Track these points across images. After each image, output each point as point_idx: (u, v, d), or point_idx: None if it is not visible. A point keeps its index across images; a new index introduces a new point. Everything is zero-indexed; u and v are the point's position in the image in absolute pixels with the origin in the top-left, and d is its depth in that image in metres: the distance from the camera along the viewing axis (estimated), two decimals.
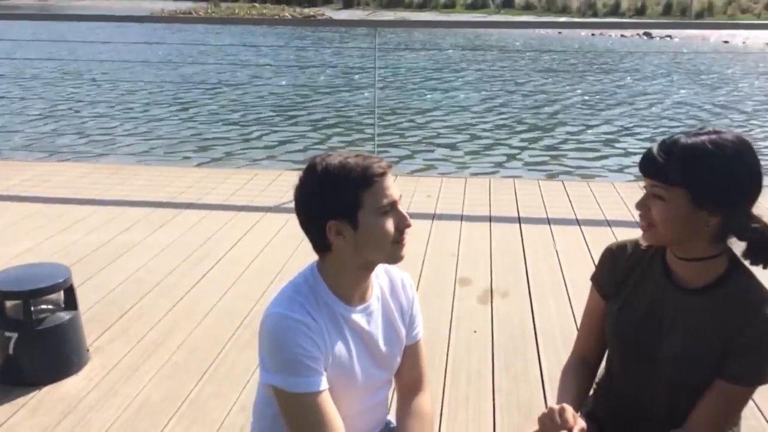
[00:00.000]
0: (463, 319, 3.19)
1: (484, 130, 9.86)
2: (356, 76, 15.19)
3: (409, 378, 1.77)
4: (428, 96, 12.78)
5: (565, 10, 33.48)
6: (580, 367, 1.76)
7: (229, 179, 5.52)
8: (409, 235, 1.55)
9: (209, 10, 39.31)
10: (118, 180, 5.46)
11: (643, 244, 1.61)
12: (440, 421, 2.47)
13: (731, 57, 21.01)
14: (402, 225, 1.53)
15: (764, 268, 1.47)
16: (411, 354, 1.76)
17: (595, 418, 1.73)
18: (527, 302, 3.40)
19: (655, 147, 1.47)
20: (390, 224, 1.49)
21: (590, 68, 18.22)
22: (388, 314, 1.69)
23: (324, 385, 1.49)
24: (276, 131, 9.61)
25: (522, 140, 9.18)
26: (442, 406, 2.56)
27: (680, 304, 1.55)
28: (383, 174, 1.50)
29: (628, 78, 15.90)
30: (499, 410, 2.53)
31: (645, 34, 26.83)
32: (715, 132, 1.45)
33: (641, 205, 1.50)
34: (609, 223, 4.54)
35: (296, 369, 1.47)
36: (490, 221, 4.54)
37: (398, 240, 1.52)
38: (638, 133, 9.73)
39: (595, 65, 18.92)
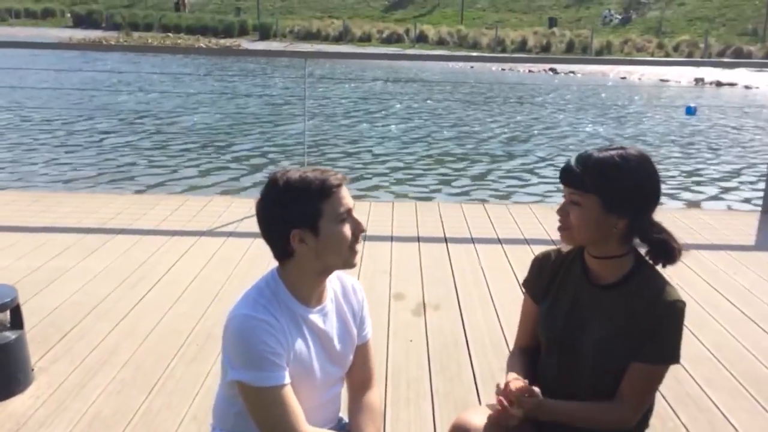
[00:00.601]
0: (400, 330, 3.38)
1: (410, 157, 10.20)
2: (285, 106, 15.32)
3: (359, 375, 1.92)
4: (356, 126, 13.06)
5: (475, 46, 34.82)
6: (520, 354, 1.99)
7: (159, 205, 5.53)
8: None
9: (120, 40, 38.48)
10: (42, 207, 5.38)
11: (564, 247, 1.88)
12: (384, 421, 2.63)
13: (629, 91, 22.43)
14: (357, 230, 1.71)
15: (663, 266, 1.75)
16: (361, 353, 1.92)
17: None
18: (457, 313, 3.63)
19: (572, 159, 1.73)
20: (347, 230, 1.67)
21: (506, 101, 19.05)
22: (341, 315, 1.85)
23: (287, 379, 1.62)
24: (205, 160, 9.60)
25: (445, 167, 9.56)
26: (385, 408, 2.72)
27: (596, 299, 1.80)
28: (340, 185, 1.68)
29: (542, 111, 16.75)
30: (437, 409, 2.72)
31: (551, 69, 28.24)
32: (622, 148, 1.73)
33: (561, 210, 1.75)
34: (527, 242, 4.86)
35: (262, 364, 1.60)
36: (419, 241, 4.78)
37: (353, 246, 1.70)
38: (551, 161, 10.31)
39: (510, 98, 19.78)
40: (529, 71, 28.49)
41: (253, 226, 5.00)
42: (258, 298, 1.69)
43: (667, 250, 1.74)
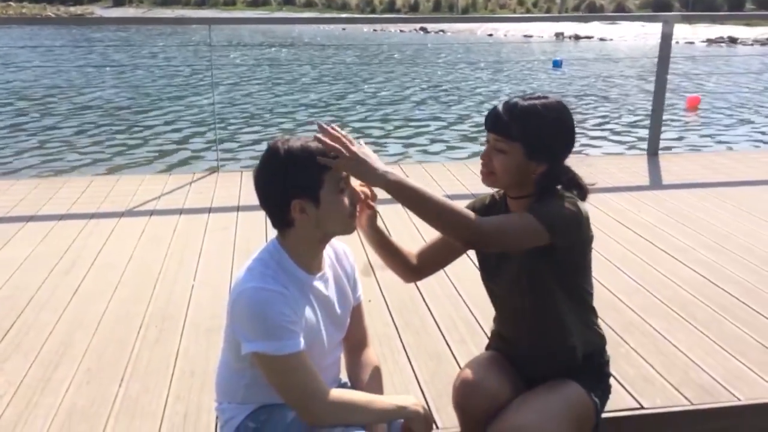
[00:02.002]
0: None
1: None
2: (190, 78, 14.59)
3: (356, 335, 2.00)
4: (261, 94, 12.70)
5: (345, 7, 34.65)
6: (408, 252, 2.07)
7: (64, 188, 5.21)
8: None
9: None
10: None
11: (497, 193, 2.01)
12: None
13: (498, 48, 23.23)
14: (355, 199, 1.77)
15: (583, 199, 1.89)
16: (356, 314, 1.99)
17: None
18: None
19: (500, 106, 1.84)
20: (345, 200, 1.71)
21: (398, 61, 19.15)
22: (338, 279, 1.91)
23: (303, 345, 1.66)
24: (102, 139, 9.01)
25: (362, 132, 9.53)
26: None
27: None
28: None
29: (423, 70, 17.02)
30: (414, 360, 2.83)
31: (421, 29, 28.68)
32: (544, 96, 1.85)
33: (486, 155, 1.86)
34: (450, 197, 5.03)
35: (281, 333, 1.63)
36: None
37: (353, 214, 1.76)
38: (444, 120, 10.57)
39: (404, 60, 19.88)
40: (401, 31, 28.79)
41: (174, 202, 4.90)
42: (265, 270, 1.70)
43: (576, 188, 1.90)
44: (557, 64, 17.89)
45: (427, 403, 2.51)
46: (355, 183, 1.77)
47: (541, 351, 1.98)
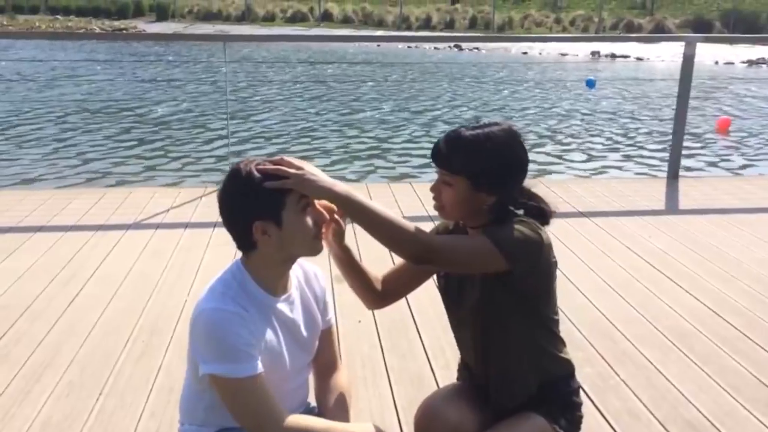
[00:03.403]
0: (347, 311, 3.41)
1: (331, 140, 10.14)
2: (205, 92, 14.83)
3: (325, 359, 1.96)
4: (278, 110, 12.82)
5: (381, 24, 34.83)
6: (373, 277, 2.02)
7: (78, 199, 5.30)
8: None
9: (4, 23, 36.07)
10: None
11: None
12: None
13: (531, 67, 23.10)
14: (320, 219, 1.74)
15: (543, 225, 1.82)
16: (326, 337, 1.95)
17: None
18: None
19: (441, 140, 1.79)
20: (309, 221, 1.69)
21: (425, 79, 19.18)
22: (306, 302, 1.88)
23: (260, 368, 1.64)
24: (121, 151, 9.16)
25: (360, 147, 9.57)
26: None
27: None
28: None
29: (451, 86, 17.00)
30: (395, 386, 2.78)
31: (456, 46, 28.68)
32: (490, 125, 1.79)
33: (434, 189, 1.82)
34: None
35: (236, 356, 1.61)
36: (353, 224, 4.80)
37: (318, 234, 1.73)
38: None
39: (429, 77, 19.91)
40: (435, 48, 28.81)
41: (181, 216, 4.94)
42: (226, 291, 1.68)
43: (538, 213, 1.83)
44: (591, 84, 17.67)
45: (401, 430, 2.47)
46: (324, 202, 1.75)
47: (500, 380, 1.93)
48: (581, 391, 2.01)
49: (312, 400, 1.95)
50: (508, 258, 1.70)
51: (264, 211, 1.65)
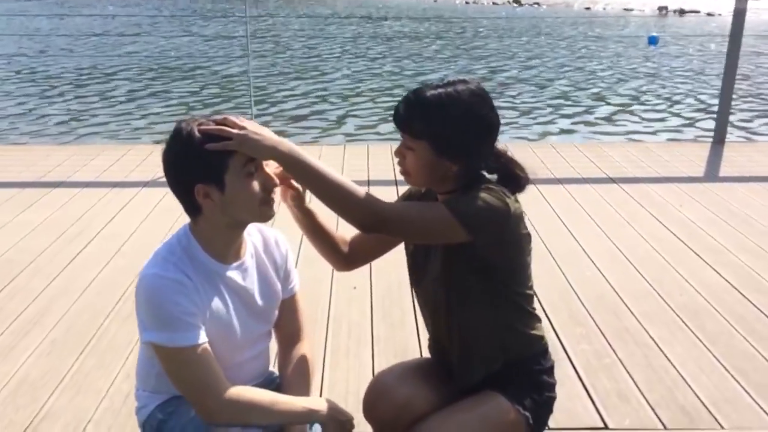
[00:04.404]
0: (343, 277, 3.33)
1: (361, 96, 9.99)
2: (227, 46, 14.81)
3: (288, 329, 1.87)
4: (303, 64, 12.71)
5: None
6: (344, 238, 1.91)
7: (101, 155, 5.36)
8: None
9: None
10: None
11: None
12: (323, 370, 2.61)
13: (594, 22, 22.20)
14: (269, 185, 1.63)
15: (513, 193, 1.68)
16: (288, 307, 1.86)
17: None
18: (401, 256, 3.58)
19: (402, 101, 1.65)
20: (256, 185, 1.58)
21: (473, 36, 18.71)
22: (262, 270, 1.78)
23: (203, 338, 1.57)
24: (146, 106, 9.25)
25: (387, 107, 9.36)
26: (324, 356, 2.70)
27: None
28: None
29: (506, 43, 16.50)
30: (377, 356, 2.70)
31: (515, 1, 27.85)
32: (454, 84, 1.63)
33: (398, 153, 1.69)
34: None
35: (175, 325, 1.55)
36: (368, 185, 4.69)
37: (267, 200, 1.62)
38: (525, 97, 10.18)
39: (479, 33, 19.41)
40: (493, 3, 28.04)
41: None
42: (168, 257, 1.62)
43: (512, 179, 1.70)
44: (653, 41, 16.87)
45: None
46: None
47: (462, 356, 1.82)
48: (555, 371, 1.86)
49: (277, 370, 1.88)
50: (467, 228, 1.59)
51: (205, 173, 1.56)
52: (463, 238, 1.59)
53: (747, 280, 3.37)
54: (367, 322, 2.96)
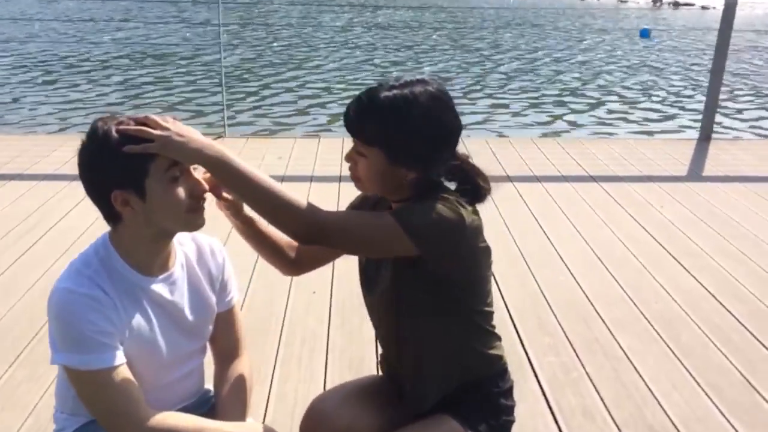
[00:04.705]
0: (301, 280, 3.14)
1: (339, 87, 9.77)
2: (199, 33, 14.49)
3: (224, 345, 1.72)
4: (277, 53, 12.46)
5: None
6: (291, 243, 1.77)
7: (64, 146, 5.15)
8: None
9: None
10: None
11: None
12: (271, 382, 2.45)
13: (585, 13, 22.01)
14: (197, 191, 1.47)
15: (472, 203, 1.53)
16: (225, 321, 1.71)
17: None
18: None
19: (352, 102, 1.49)
20: (181, 192, 1.43)
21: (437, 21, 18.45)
22: (194, 282, 1.63)
23: (119, 359, 1.43)
24: (112, 93, 8.93)
25: None
26: (274, 366, 2.54)
27: None
28: None
29: (492, 36, 16.32)
30: (330, 367, 2.54)
31: None
32: (412, 85, 1.48)
33: (348, 159, 1.53)
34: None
35: (87, 345, 1.40)
36: (340, 181, 4.52)
37: (194, 208, 1.47)
38: (494, 90, 10.01)
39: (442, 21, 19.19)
40: None
41: None
42: (82, 269, 1.46)
43: (472, 189, 1.56)
44: (645, 34, 16.80)
45: None
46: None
47: (412, 376, 1.67)
48: (514, 391, 1.71)
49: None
50: (416, 241, 1.43)
51: (123, 179, 1.41)
52: (411, 251, 1.45)
53: (725, 287, 3.23)
54: (324, 330, 2.80)
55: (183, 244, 1.61)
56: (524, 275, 3.32)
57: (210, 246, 1.67)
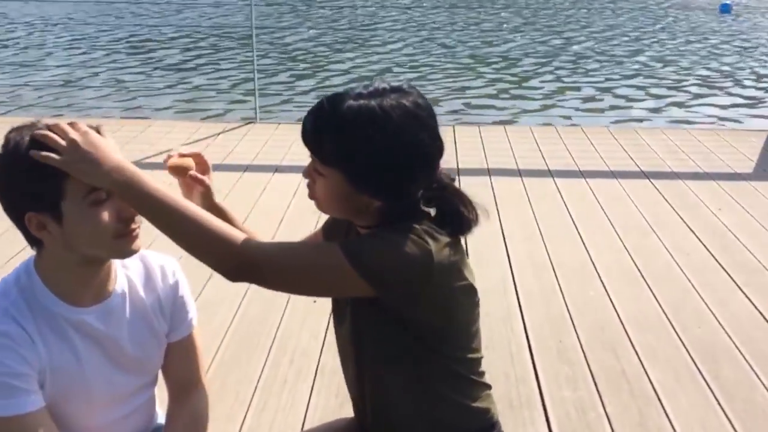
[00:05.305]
0: None
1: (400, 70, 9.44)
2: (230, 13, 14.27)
3: (178, 377, 1.53)
4: (310, 37, 12.17)
5: None
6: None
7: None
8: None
9: None
10: None
11: None
12: (246, 410, 2.23)
13: None
14: (126, 214, 1.26)
15: (454, 234, 1.28)
16: (180, 351, 1.51)
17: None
18: None
19: (311, 112, 1.24)
20: (105, 216, 1.24)
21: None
22: (138, 310, 1.44)
23: (36, 404, 1.26)
24: (136, 79, 8.69)
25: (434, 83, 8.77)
26: (254, 390, 2.32)
27: None
28: None
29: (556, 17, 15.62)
30: (316, 393, 2.31)
31: None
32: (382, 93, 1.22)
33: (306, 174, 1.29)
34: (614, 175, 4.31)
35: None
36: (458, 174, 4.26)
37: (123, 233, 1.27)
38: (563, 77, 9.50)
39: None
40: None
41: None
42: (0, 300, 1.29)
43: (454, 218, 1.30)
44: (725, 9, 15.74)
45: None
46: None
47: (377, 423, 1.44)
48: None
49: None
50: (372, 282, 1.20)
51: (35, 200, 1.23)
52: (368, 292, 1.21)
53: None
54: (317, 348, 2.56)
55: (127, 267, 1.41)
56: (550, 288, 2.98)
57: (161, 267, 1.47)
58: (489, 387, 1.44)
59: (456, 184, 1.36)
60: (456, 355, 1.36)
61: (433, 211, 1.31)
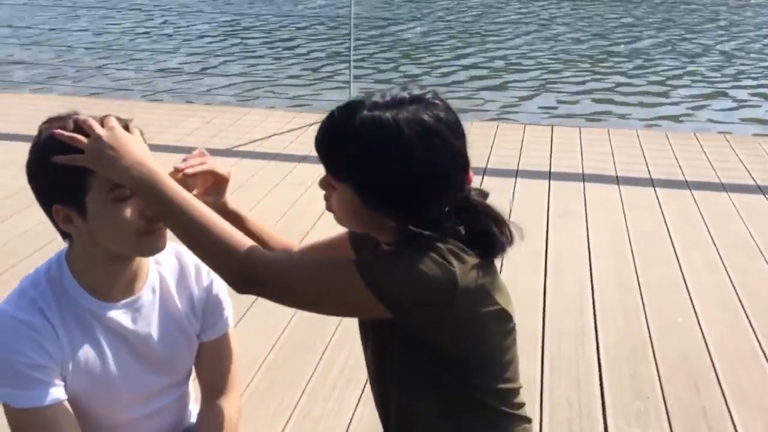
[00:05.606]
0: None
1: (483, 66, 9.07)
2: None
3: (209, 379, 1.51)
4: (411, 22, 11.92)
5: None
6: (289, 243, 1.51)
7: (192, 117, 5.22)
8: None
9: None
10: None
11: None
12: (291, 414, 2.18)
13: None
14: (148, 212, 1.25)
15: (485, 257, 1.17)
16: (212, 352, 1.49)
17: None
18: None
19: (325, 121, 1.16)
20: (128, 212, 1.23)
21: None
22: (169, 308, 1.42)
23: (56, 396, 1.26)
24: (240, 63, 8.80)
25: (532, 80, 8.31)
26: (300, 397, 2.27)
27: None
28: None
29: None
30: (363, 403, 2.23)
31: None
32: (402, 103, 1.12)
33: (322, 186, 1.22)
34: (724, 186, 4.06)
35: (16, 380, 1.25)
36: (516, 176, 4.13)
37: (146, 230, 1.25)
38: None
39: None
40: None
41: (277, 145, 4.64)
42: (29, 290, 1.30)
43: (484, 239, 1.19)
44: None
45: None
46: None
47: None
48: None
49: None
50: (389, 306, 1.12)
51: (61, 192, 1.24)
52: (384, 314, 1.13)
53: None
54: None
55: (161, 263, 1.40)
56: (634, 311, 2.75)
57: (196, 265, 1.44)
58: (528, 420, 1.31)
59: (513, 193, 1.23)
60: (487, 385, 1.24)
61: (462, 230, 1.20)
